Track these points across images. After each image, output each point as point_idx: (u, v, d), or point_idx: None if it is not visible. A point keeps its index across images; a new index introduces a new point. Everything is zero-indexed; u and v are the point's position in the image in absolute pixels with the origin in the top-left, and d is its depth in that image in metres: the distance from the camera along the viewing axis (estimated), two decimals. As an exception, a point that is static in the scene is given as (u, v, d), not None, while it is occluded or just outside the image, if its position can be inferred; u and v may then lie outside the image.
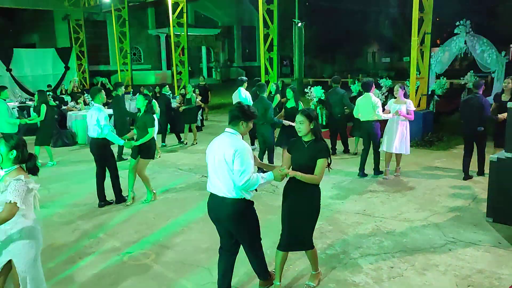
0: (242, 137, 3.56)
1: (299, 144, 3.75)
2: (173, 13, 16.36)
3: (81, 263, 4.64)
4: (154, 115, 6.72)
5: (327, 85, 15.90)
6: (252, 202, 3.58)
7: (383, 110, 7.48)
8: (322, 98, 12.71)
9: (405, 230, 5.27)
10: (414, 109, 7.58)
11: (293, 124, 6.45)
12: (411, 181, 7.32)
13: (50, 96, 13.96)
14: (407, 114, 7.29)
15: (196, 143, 11.05)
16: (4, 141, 3.08)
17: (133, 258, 4.73)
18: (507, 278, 4.09)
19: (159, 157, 9.45)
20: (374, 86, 7.76)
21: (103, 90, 6.57)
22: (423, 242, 4.93)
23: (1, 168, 3.10)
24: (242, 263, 4.02)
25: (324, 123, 12.54)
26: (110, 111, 9.59)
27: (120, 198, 6.60)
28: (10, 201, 2.93)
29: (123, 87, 9.11)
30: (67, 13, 21.85)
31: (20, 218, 3.08)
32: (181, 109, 10.88)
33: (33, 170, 3.19)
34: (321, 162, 3.59)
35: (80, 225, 5.74)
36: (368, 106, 7.40)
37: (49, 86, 17.80)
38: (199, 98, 13.46)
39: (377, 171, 7.65)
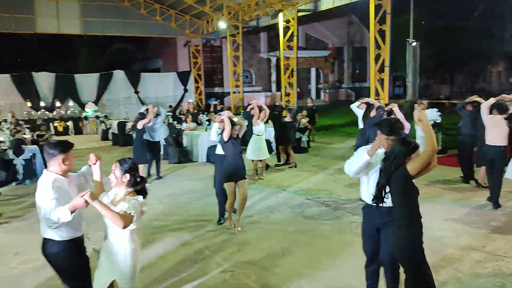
0: None
1: None
2: (284, 36, 16.78)
3: (185, 277, 4.86)
4: None
5: (443, 107, 14.87)
6: None
7: None
8: (438, 121, 11.90)
9: (534, 274, 4.61)
10: None
11: None
12: (543, 217, 6.43)
13: (169, 116, 15.14)
14: None
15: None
16: (119, 165, 3.26)
17: (234, 277, 4.82)
18: None
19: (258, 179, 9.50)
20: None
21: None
22: (557, 290, 4.26)
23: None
24: None
25: (441, 148, 11.70)
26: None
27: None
28: (130, 213, 3.06)
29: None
30: (188, 40, 23.74)
31: (128, 240, 3.24)
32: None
33: (142, 192, 3.32)
34: None
35: (187, 239, 6.03)
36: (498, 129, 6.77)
37: (170, 107, 19.36)
38: (306, 119, 13.52)
39: (495, 203, 6.85)
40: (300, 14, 16.99)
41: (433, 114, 12.14)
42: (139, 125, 9.03)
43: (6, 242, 6.14)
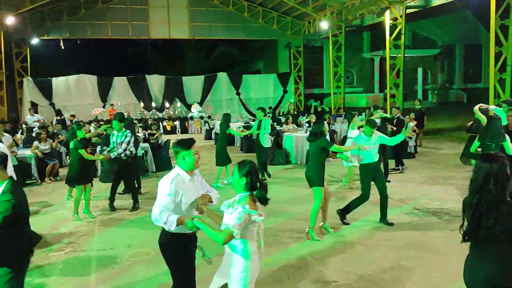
0: None
1: None
2: (390, 35, 15.97)
3: (288, 283, 4.73)
4: None
5: None
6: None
7: None
8: None
9: None
10: None
11: None
12: None
13: (270, 117, 15.26)
14: None
15: None
16: (237, 168, 3.18)
17: (338, 288, 4.59)
18: None
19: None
20: None
21: None
22: None
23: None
24: None
25: None
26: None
27: None
28: (229, 228, 2.94)
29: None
30: (289, 41, 23.79)
31: (241, 249, 3.11)
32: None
33: (261, 199, 3.16)
34: None
35: (289, 244, 5.93)
36: None
37: (270, 107, 19.56)
38: (414, 123, 12.69)
39: None
40: (409, 11, 16.05)
41: None
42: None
43: (119, 235, 6.57)
